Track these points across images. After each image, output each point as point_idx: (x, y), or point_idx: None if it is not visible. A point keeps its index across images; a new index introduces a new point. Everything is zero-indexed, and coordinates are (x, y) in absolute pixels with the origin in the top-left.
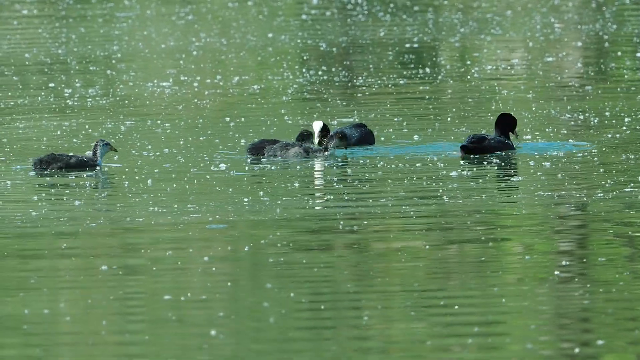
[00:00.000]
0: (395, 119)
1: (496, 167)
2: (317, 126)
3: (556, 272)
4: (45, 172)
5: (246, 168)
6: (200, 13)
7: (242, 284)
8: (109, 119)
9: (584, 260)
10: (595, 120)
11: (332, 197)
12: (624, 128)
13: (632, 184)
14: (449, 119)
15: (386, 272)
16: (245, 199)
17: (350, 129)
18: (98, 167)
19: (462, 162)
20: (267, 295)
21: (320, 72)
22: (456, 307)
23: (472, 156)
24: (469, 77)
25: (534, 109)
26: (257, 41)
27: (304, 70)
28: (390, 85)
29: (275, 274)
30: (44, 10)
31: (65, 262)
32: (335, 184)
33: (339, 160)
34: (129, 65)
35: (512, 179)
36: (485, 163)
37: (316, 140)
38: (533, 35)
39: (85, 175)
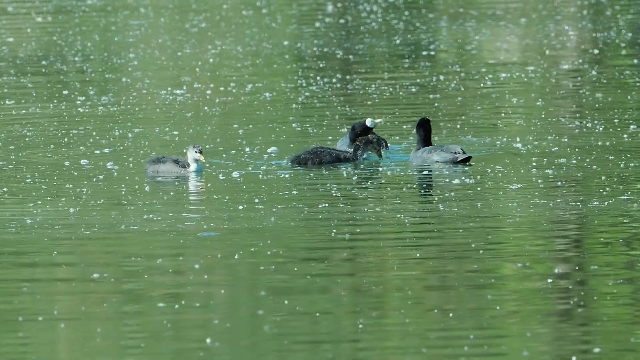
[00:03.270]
0: (404, 126)
1: (500, 175)
2: (369, 121)
3: (549, 280)
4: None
5: (260, 177)
6: (214, 21)
7: (236, 292)
8: (116, 127)
9: (581, 268)
10: (601, 128)
11: (327, 204)
12: (625, 136)
13: (629, 192)
14: (458, 126)
15: (381, 280)
16: (241, 207)
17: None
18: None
19: (465, 168)
20: (261, 303)
21: (334, 80)
22: (451, 315)
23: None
24: (481, 84)
25: (543, 116)
26: (273, 49)
27: (317, 77)
28: (401, 93)
29: (268, 281)
30: (59, 18)
31: (58, 269)
32: (333, 192)
33: (341, 167)
34: (144, 72)
35: (511, 186)
36: (489, 170)
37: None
38: (549, 42)
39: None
